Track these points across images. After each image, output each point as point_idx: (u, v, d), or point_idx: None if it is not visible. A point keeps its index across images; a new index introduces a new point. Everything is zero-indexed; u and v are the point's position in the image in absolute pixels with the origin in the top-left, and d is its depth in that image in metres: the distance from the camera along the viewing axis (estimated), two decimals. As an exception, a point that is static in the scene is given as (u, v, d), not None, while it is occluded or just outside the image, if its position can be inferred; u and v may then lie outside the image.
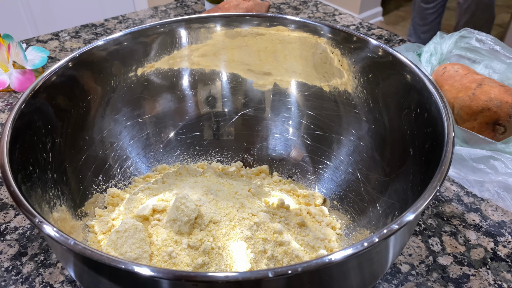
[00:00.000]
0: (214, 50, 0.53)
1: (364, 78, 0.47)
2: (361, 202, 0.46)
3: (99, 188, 0.47)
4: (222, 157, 0.55)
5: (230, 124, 0.55)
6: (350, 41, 0.47)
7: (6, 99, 0.69)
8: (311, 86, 0.52)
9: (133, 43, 0.48)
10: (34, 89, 0.39)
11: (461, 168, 0.50)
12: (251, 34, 0.51)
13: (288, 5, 0.97)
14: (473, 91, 0.54)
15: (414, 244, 0.46)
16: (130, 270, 0.24)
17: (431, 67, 0.65)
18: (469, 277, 0.43)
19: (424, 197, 0.28)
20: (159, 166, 0.52)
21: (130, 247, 0.37)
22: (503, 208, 0.49)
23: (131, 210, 0.43)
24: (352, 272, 0.30)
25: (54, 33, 0.87)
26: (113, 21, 0.91)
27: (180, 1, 1.00)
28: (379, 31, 0.86)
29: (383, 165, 0.44)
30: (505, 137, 0.53)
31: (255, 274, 0.24)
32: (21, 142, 0.35)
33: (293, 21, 0.49)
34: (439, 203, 0.50)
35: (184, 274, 0.24)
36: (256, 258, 0.38)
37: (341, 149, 0.50)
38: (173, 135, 0.54)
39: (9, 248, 0.45)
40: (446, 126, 0.34)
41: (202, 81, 0.54)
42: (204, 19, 0.51)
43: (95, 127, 0.47)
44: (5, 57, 0.70)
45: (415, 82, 0.40)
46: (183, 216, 0.38)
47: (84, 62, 0.44)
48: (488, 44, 0.65)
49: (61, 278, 0.42)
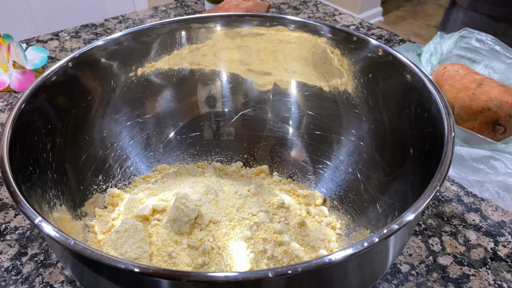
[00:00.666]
0: (214, 50, 0.53)
1: (364, 78, 0.47)
2: (361, 202, 0.46)
3: (99, 188, 0.47)
4: (222, 157, 0.55)
5: (230, 124, 0.55)
6: (350, 41, 0.47)
7: (6, 99, 0.69)
8: (311, 86, 0.52)
9: (133, 43, 0.48)
10: (34, 89, 0.39)
11: (461, 168, 0.50)
12: (251, 34, 0.51)
13: (288, 5, 0.97)
14: (473, 91, 0.54)
15: (414, 244, 0.46)
16: (130, 270, 0.24)
17: (431, 67, 0.65)
18: (469, 277, 0.43)
19: (424, 197, 0.28)
20: (159, 166, 0.52)
21: (130, 247, 0.37)
22: (503, 208, 0.49)
23: (131, 210, 0.43)
24: (352, 272, 0.30)
25: (54, 33, 0.87)
26: (113, 21, 0.91)
27: (180, 1, 1.00)
28: (379, 31, 0.86)
29: (383, 165, 0.44)
30: (505, 137, 0.53)
31: (255, 274, 0.24)
32: (21, 142, 0.35)
33: (293, 21, 0.49)
34: (439, 203, 0.50)
35: (184, 274, 0.24)
36: (256, 258, 0.38)
37: (341, 149, 0.50)
38: (173, 135, 0.54)
39: (9, 248, 0.45)
40: (446, 126, 0.34)
41: (202, 81, 0.54)
42: (204, 19, 0.51)
43: (95, 127, 0.47)
44: (5, 57, 0.70)
45: (415, 82, 0.40)
46: (183, 216, 0.38)
47: (84, 62, 0.44)
48: (488, 44, 0.65)
49: (61, 278, 0.42)
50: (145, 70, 0.50)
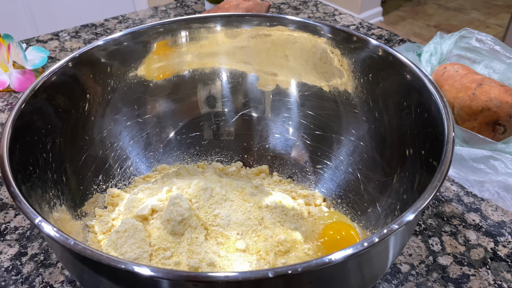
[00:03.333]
0: (214, 50, 0.53)
1: (364, 78, 0.47)
2: (361, 202, 0.46)
3: (99, 188, 0.47)
4: (222, 157, 0.55)
5: (230, 124, 0.55)
6: (350, 41, 0.47)
7: (6, 99, 0.69)
8: (311, 86, 0.52)
9: (133, 43, 0.48)
10: (34, 89, 0.39)
11: (461, 168, 0.50)
12: (251, 34, 0.51)
13: (288, 5, 0.97)
14: (473, 91, 0.54)
15: (414, 244, 0.46)
16: (130, 270, 0.24)
17: (431, 67, 0.65)
18: (469, 277, 0.43)
19: (424, 197, 0.28)
20: (159, 166, 0.52)
21: (130, 247, 0.37)
22: (503, 208, 0.49)
23: (131, 210, 0.43)
24: (352, 272, 0.30)
25: (54, 33, 0.87)
26: (113, 21, 0.91)
27: (180, 1, 1.00)
28: (379, 31, 0.86)
29: (383, 165, 0.44)
30: (505, 137, 0.53)
31: (255, 274, 0.24)
32: (21, 142, 0.35)
33: (293, 21, 0.49)
34: (439, 203, 0.50)
35: (184, 274, 0.24)
36: (256, 258, 0.38)
37: (341, 149, 0.50)
38: (173, 135, 0.54)
39: (9, 248, 0.45)
40: (446, 126, 0.34)
41: (202, 81, 0.54)
42: (204, 19, 0.51)
43: (95, 127, 0.47)
44: (5, 57, 0.70)
45: (415, 82, 0.40)
46: (177, 216, 0.38)
47: (84, 62, 0.44)
48: (488, 44, 0.65)
49: (61, 278, 0.42)
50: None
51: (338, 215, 0.45)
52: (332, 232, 0.41)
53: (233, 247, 0.38)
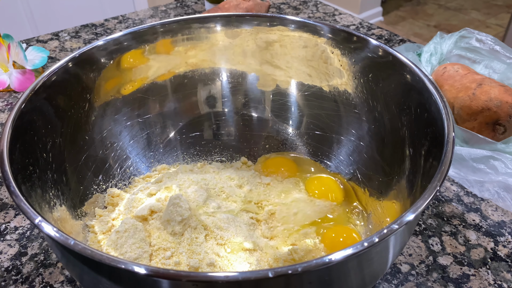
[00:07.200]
0: (214, 50, 0.53)
1: (364, 78, 0.47)
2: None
3: (99, 188, 0.47)
4: (222, 157, 0.55)
5: (230, 124, 0.55)
6: (350, 41, 0.47)
7: (6, 99, 0.69)
8: (311, 86, 0.52)
9: (133, 43, 0.48)
10: (34, 89, 0.39)
11: (461, 168, 0.50)
12: (251, 34, 0.51)
13: (288, 5, 0.97)
14: (473, 91, 0.54)
15: (414, 244, 0.46)
16: (130, 270, 0.24)
17: (431, 67, 0.65)
18: (469, 277, 0.43)
19: (424, 197, 0.28)
20: (159, 166, 0.52)
21: (130, 247, 0.37)
22: (503, 208, 0.49)
23: (131, 210, 0.43)
24: (352, 272, 0.29)
25: (54, 33, 0.87)
26: (113, 21, 0.91)
27: (180, 1, 1.00)
28: (379, 31, 0.86)
29: (383, 165, 0.44)
30: (505, 137, 0.53)
31: (255, 274, 0.24)
32: (21, 142, 0.35)
33: (293, 21, 0.49)
34: (439, 203, 0.50)
35: (184, 274, 0.24)
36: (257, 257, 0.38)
37: (341, 149, 0.50)
38: (173, 135, 0.54)
39: (9, 248, 0.45)
40: (446, 126, 0.34)
41: (202, 81, 0.54)
42: (204, 19, 0.51)
43: (95, 127, 0.47)
44: (5, 57, 0.70)
45: (415, 82, 0.40)
46: (177, 216, 0.38)
47: (84, 62, 0.44)
48: (488, 44, 0.65)
49: (61, 278, 0.42)
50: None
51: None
52: (334, 235, 0.41)
53: (239, 247, 0.38)
